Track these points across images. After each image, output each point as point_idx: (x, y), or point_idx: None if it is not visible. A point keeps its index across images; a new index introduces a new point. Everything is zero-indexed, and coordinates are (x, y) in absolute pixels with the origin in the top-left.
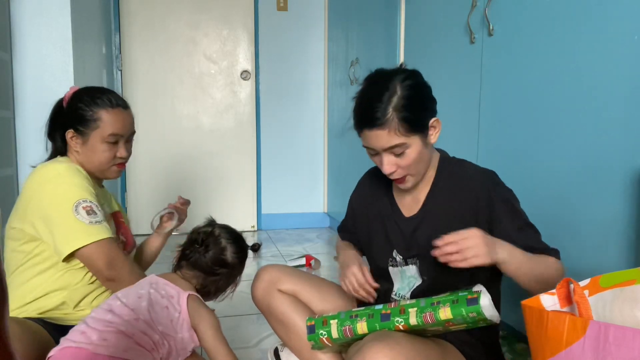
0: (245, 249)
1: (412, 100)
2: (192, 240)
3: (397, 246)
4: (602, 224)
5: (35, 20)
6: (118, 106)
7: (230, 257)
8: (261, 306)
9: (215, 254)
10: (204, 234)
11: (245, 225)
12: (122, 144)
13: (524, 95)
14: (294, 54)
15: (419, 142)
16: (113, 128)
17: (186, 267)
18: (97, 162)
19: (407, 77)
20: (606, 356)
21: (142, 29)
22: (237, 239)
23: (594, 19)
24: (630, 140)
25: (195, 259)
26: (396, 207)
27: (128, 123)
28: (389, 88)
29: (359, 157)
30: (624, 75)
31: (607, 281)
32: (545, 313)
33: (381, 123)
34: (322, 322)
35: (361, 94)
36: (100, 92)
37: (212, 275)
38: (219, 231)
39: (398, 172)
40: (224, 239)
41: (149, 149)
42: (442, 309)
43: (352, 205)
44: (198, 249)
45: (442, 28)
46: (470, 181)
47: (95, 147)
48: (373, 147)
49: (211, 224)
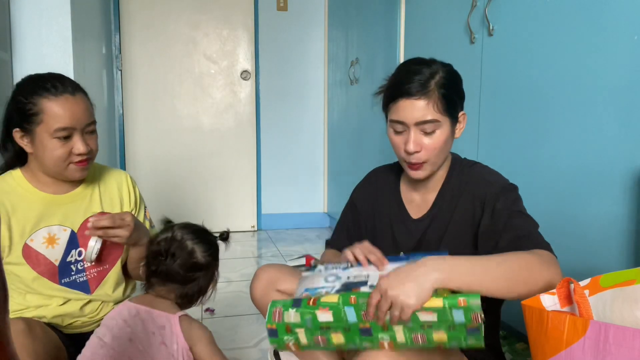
0: (215, 243)
1: (452, 82)
2: (155, 253)
3: (405, 248)
4: (602, 224)
5: (35, 20)
6: (64, 92)
7: (202, 258)
8: (260, 306)
9: (184, 260)
10: (165, 242)
11: (245, 225)
12: (77, 138)
13: (524, 95)
14: (294, 54)
15: (448, 128)
16: (59, 121)
17: (158, 284)
18: (49, 162)
19: (446, 64)
20: (606, 356)
21: (142, 29)
22: (203, 235)
23: (593, 19)
24: (630, 141)
25: (165, 272)
26: (403, 208)
27: (80, 111)
28: (431, 66)
29: (359, 157)
30: (624, 75)
31: (607, 281)
32: (546, 313)
33: (422, 93)
34: (284, 328)
35: (399, 70)
36: (42, 79)
37: (189, 282)
38: (180, 234)
39: (420, 154)
40: (189, 241)
41: (149, 149)
42: (435, 333)
43: (353, 201)
44: (164, 260)
45: (442, 28)
46: (477, 185)
47: (44, 145)
48: (405, 121)
49: (168, 228)
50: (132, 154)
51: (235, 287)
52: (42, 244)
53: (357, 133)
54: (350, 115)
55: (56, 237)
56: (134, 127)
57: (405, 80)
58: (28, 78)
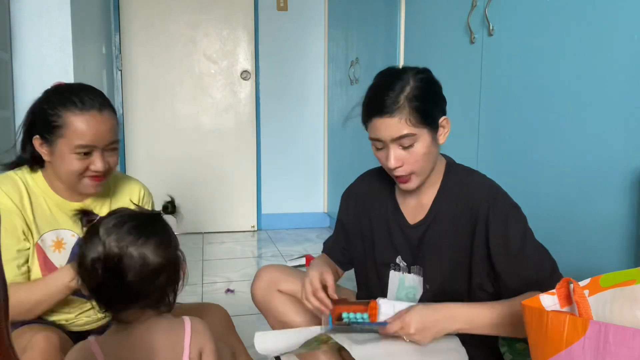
0: (166, 230)
1: (424, 92)
2: (96, 282)
3: (402, 252)
4: (602, 224)
5: (35, 20)
6: (91, 109)
7: (158, 257)
8: (261, 306)
9: (140, 274)
10: (103, 262)
11: (245, 225)
12: (97, 155)
13: (524, 95)
14: (294, 54)
15: (428, 137)
16: (81, 138)
17: (127, 315)
18: (64, 174)
19: (419, 71)
20: (606, 356)
21: (142, 29)
22: (141, 228)
23: (594, 18)
24: (630, 141)
25: (123, 295)
26: (399, 211)
27: (104, 131)
28: (402, 79)
29: (359, 157)
30: (624, 75)
31: (607, 281)
32: (545, 313)
33: (392, 110)
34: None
35: (372, 85)
36: (71, 90)
37: (160, 290)
38: (113, 243)
39: (404, 168)
40: (131, 245)
41: (149, 149)
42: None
43: (348, 202)
44: (113, 286)
45: (442, 28)
46: (473, 193)
47: (63, 157)
48: (381, 138)
49: (93, 239)
50: (132, 154)
51: (235, 287)
52: (50, 247)
53: (357, 133)
54: (350, 115)
55: (63, 241)
56: (134, 127)
57: (375, 98)
58: (57, 87)
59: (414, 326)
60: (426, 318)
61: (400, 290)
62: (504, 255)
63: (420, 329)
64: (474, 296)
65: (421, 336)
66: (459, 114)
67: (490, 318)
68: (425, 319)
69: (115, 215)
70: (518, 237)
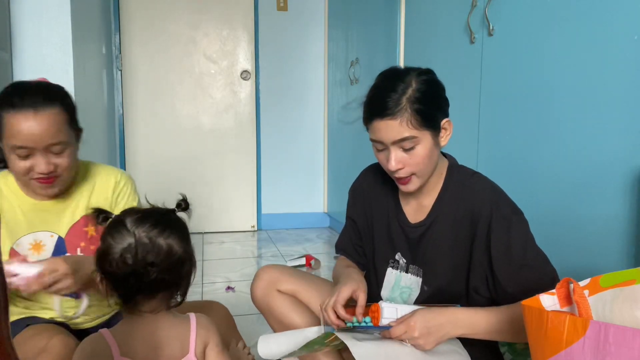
0: (184, 225)
1: (427, 94)
2: (125, 272)
3: (402, 251)
4: (602, 224)
5: (35, 20)
6: (25, 109)
7: (182, 248)
8: (261, 306)
9: (166, 263)
10: (131, 254)
11: (245, 225)
12: (39, 157)
13: (524, 94)
14: (294, 54)
15: (429, 140)
16: (16, 139)
17: (145, 300)
18: (15, 175)
19: (422, 72)
20: (606, 356)
21: (142, 29)
22: (166, 221)
23: (593, 19)
24: (630, 140)
25: (150, 285)
26: (401, 209)
27: (39, 132)
28: (404, 80)
29: (359, 157)
30: (624, 75)
31: (607, 281)
32: (545, 313)
33: (393, 112)
34: None
35: (374, 86)
36: (18, 88)
37: (179, 282)
38: (143, 234)
39: (405, 170)
40: (159, 238)
41: (149, 149)
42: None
43: (355, 198)
44: (140, 275)
45: (442, 28)
46: (474, 197)
47: (9, 158)
48: (382, 140)
49: (121, 230)
50: (132, 154)
51: (235, 287)
52: (28, 250)
53: (357, 133)
54: (350, 115)
55: (42, 243)
56: (134, 127)
57: (377, 100)
58: (11, 84)
59: (418, 330)
60: (430, 322)
61: (394, 290)
62: (505, 264)
63: (425, 334)
64: (470, 299)
65: (425, 341)
66: (459, 113)
67: (492, 324)
68: (430, 323)
69: (134, 210)
70: (520, 247)
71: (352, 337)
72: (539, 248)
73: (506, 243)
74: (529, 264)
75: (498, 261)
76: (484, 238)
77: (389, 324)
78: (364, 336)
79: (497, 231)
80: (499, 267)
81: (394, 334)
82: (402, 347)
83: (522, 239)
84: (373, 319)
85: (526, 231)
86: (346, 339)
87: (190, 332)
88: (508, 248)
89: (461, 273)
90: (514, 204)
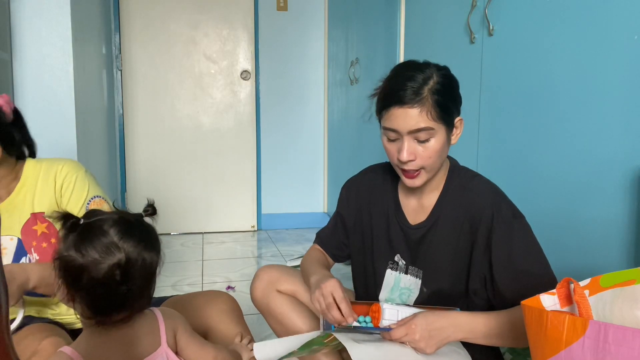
0: (154, 231)
1: (447, 88)
2: (108, 290)
3: (401, 252)
4: (603, 223)
5: (35, 20)
6: None
7: (157, 258)
8: (260, 306)
9: (145, 277)
10: (124, 268)
11: (245, 225)
12: None
13: (524, 95)
14: (294, 54)
15: (444, 134)
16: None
17: (119, 318)
18: None
19: (441, 67)
20: (606, 356)
21: (142, 29)
22: (145, 235)
23: (594, 19)
24: (630, 141)
25: (125, 299)
26: (401, 210)
27: None
28: (424, 72)
29: (359, 157)
30: (623, 76)
31: (607, 281)
32: (545, 313)
33: (415, 101)
34: None
35: (393, 74)
36: None
37: (150, 287)
38: (131, 248)
39: (415, 162)
40: (144, 252)
41: (149, 149)
42: None
43: (349, 194)
44: (122, 291)
45: (442, 28)
46: (476, 199)
47: None
48: (398, 129)
49: (101, 243)
50: (132, 154)
51: (235, 287)
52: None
53: (357, 133)
54: (350, 115)
55: (3, 246)
56: (134, 127)
57: (398, 87)
58: None
59: (419, 333)
60: (432, 325)
61: (394, 291)
62: (505, 269)
63: (426, 337)
64: (469, 302)
65: (426, 344)
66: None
67: (491, 328)
68: (431, 326)
69: (111, 218)
70: (520, 253)
71: (351, 338)
72: (541, 252)
73: (507, 249)
74: (529, 270)
75: (498, 266)
76: (485, 242)
77: (389, 326)
78: (363, 338)
79: (498, 236)
80: (499, 272)
81: (394, 336)
82: (402, 350)
83: (523, 245)
84: (373, 319)
85: (527, 235)
86: (345, 340)
87: (159, 324)
88: (508, 254)
89: (461, 276)
90: (515, 207)
